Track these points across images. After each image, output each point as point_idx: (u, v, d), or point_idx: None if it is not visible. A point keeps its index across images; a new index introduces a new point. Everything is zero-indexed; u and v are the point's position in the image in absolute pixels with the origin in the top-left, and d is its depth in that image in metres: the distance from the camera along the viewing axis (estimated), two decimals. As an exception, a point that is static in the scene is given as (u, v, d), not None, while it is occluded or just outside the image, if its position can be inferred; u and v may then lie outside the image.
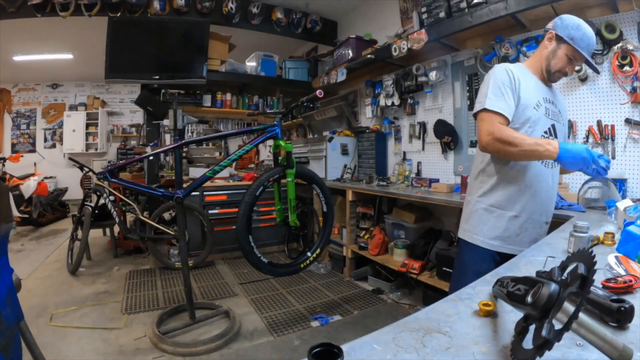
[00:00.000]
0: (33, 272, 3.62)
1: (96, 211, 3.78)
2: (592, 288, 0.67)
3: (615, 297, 0.63)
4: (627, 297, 0.71)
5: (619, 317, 0.60)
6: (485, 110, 1.40)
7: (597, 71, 1.52)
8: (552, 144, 1.29)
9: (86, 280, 3.43)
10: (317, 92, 2.19)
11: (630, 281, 0.75)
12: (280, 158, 2.38)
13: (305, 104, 2.32)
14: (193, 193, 2.83)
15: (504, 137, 1.33)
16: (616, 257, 0.93)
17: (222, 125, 5.19)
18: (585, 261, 0.51)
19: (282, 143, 2.28)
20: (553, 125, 1.52)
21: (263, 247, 4.17)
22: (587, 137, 2.31)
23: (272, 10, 4.43)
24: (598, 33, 2.20)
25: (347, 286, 3.36)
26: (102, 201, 3.60)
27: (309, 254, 2.45)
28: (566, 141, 1.55)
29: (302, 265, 2.41)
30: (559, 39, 1.44)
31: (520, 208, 1.48)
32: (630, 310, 0.59)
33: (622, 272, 0.85)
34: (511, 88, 1.41)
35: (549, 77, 1.50)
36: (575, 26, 1.43)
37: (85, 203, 3.78)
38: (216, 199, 4.05)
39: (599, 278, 0.79)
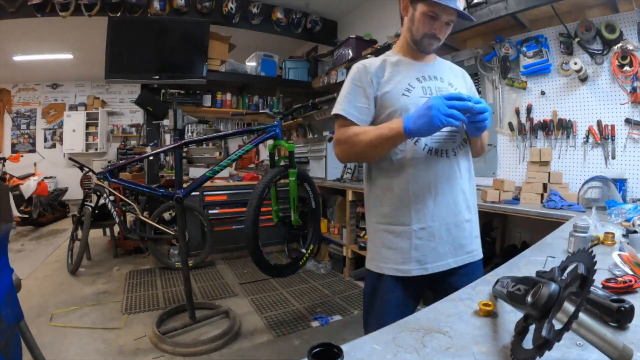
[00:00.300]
0: (33, 272, 3.63)
1: (96, 211, 3.78)
2: (592, 288, 0.67)
3: (615, 297, 0.63)
4: (627, 297, 0.71)
5: (619, 317, 0.60)
6: (335, 116, 1.22)
7: (470, 19, 1.20)
8: (395, 120, 1.10)
9: (86, 280, 3.44)
10: (335, 94, 2.23)
11: (630, 281, 0.75)
12: (276, 158, 2.38)
13: (319, 106, 2.32)
14: (193, 193, 2.83)
15: (343, 137, 1.18)
16: (619, 255, 0.93)
17: (222, 125, 5.19)
18: (586, 261, 0.51)
19: (283, 143, 2.28)
20: None
21: (263, 247, 4.16)
22: (587, 137, 2.31)
23: (272, 10, 4.43)
24: (598, 33, 2.20)
25: (347, 286, 3.36)
26: (102, 201, 3.60)
27: (303, 250, 2.47)
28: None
29: (300, 263, 2.43)
30: (412, 1, 1.19)
31: (424, 216, 1.17)
32: (630, 310, 0.59)
33: (628, 271, 0.85)
34: (361, 86, 1.20)
35: (420, 49, 1.23)
36: None
37: (85, 203, 3.78)
38: (216, 199, 4.05)
39: (599, 278, 0.79)
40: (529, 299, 0.52)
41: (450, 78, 1.27)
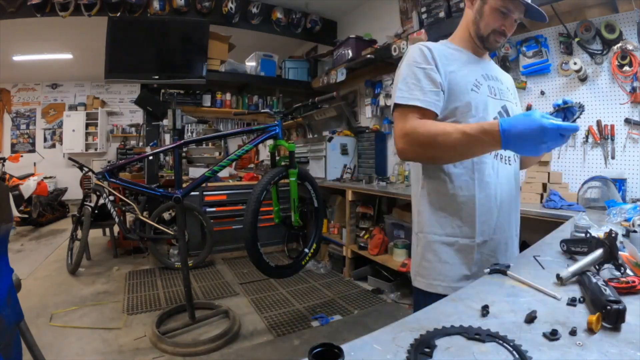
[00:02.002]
0: (33, 272, 3.62)
1: (96, 211, 3.78)
2: (601, 285, 0.69)
3: (612, 298, 0.63)
4: (629, 298, 0.71)
5: (614, 318, 0.60)
6: (397, 106, 1.04)
7: (544, 19, 1.11)
8: (486, 125, 0.90)
9: (86, 280, 3.43)
10: (334, 93, 2.26)
11: (634, 282, 0.75)
12: (277, 158, 2.38)
13: (319, 105, 2.32)
14: (193, 193, 2.82)
15: (421, 137, 0.97)
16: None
17: (222, 125, 5.19)
18: None
19: (284, 143, 2.28)
20: (505, 107, 1.15)
21: (263, 248, 4.17)
22: (587, 137, 2.31)
23: (271, 10, 4.43)
24: (598, 33, 2.20)
25: (347, 286, 3.36)
26: (101, 201, 3.60)
27: (306, 250, 2.47)
28: None
29: (302, 263, 2.43)
30: None
31: (488, 228, 1.09)
32: (622, 312, 0.60)
33: (628, 272, 0.85)
34: (429, 70, 1.04)
35: (484, 45, 1.13)
36: None
37: (85, 203, 3.78)
38: (216, 199, 4.05)
39: (603, 277, 0.79)
40: None
41: (506, 81, 1.23)
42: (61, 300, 2.96)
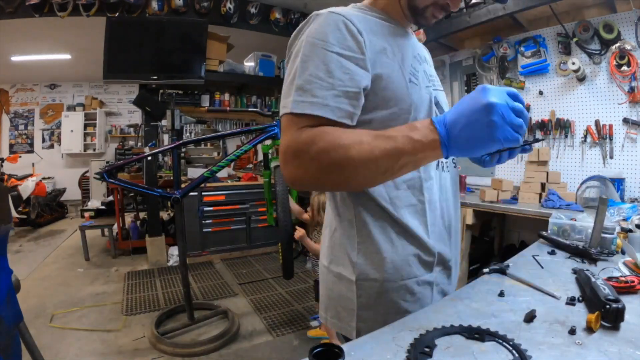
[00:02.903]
0: (31, 273, 3.61)
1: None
2: (600, 283, 0.69)
3: (611, 297, 0.63)
4: (629, 297, 0.71)
5: (613, 317, 0.60)
6: (290, 115, 0.67)
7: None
8: (417, 124, 0.62)
9: (85, 281, 3.43)
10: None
11: (633, 282, 0.75)
12: (271, 158, 2.40)
13: None
14: (192, 193, 2.82)
15: (322, 154, 0.63)
16: (624, 263, 0.94)
17: (221, 126, 5.18)
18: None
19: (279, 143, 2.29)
20: (436, 98, 0.83)
21: (263, 248, 4.18)
22: (585, 136, 2.32)
23: (270, 10, 4.42)
24: (596, 33, 2.21)
25: (346, 286, 3.36)
26: None
27: None
28: None
29: None
30: None
31: (446, 256, 0.82)
32: (621, 311, 0.60)
33: (627, 272, 0.85)
34: (351, 54, 0.69)
35: (416, 19, 0.80)
36: None
37: None
38: (215, 199, 4.05)
39: (601, 276, 0.79)
40: None
41: (429, 59, 0.93)
42: (60, 301, 2.95)
